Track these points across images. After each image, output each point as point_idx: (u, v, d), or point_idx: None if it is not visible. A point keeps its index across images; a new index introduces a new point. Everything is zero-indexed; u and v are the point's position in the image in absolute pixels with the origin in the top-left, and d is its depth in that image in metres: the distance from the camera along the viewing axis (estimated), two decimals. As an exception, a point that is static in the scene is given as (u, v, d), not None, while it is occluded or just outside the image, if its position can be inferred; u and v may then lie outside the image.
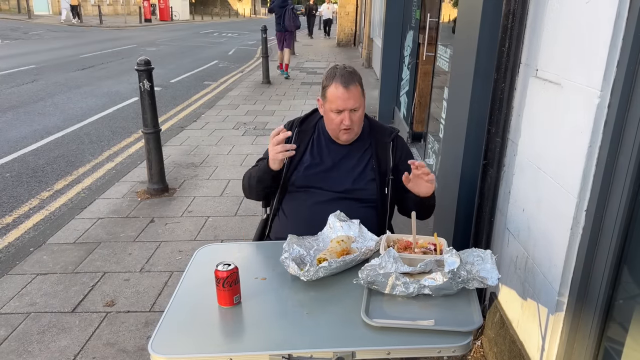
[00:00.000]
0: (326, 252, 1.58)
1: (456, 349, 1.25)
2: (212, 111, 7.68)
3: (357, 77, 1.92)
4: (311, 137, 2.07)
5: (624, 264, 1.46)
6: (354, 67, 1.98)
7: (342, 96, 1.87)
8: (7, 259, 3.32)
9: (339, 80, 1.88)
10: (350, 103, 1.88)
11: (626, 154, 1.37)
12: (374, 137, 2.05)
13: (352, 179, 1.99)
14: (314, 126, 2.10)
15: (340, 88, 1.87)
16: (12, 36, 18.59)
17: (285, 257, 1.54)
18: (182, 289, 1.53)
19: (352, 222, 1.79)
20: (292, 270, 1.51)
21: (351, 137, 1.99)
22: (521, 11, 1.89)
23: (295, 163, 2.02)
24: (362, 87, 1.94)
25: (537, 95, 1.87)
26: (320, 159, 2.02)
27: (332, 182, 1.98)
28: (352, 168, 2.01)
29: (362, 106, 1.94)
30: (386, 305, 1.40)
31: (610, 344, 1.54)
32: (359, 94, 1.91)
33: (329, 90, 1.90)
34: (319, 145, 2.05)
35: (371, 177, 1.99)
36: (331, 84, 1.90)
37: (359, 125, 1.98)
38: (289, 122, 2.14)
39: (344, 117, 1.90)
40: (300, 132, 2.08)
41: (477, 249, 1.52)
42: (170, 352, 1.26)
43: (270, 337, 1.31)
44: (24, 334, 2.55)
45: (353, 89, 1.88)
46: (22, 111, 7.41)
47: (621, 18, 1.35)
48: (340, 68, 1.93)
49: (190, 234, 3.64)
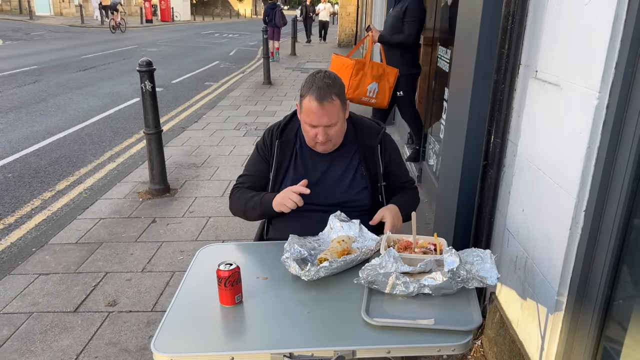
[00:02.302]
0: (327, 252, 1.59)
1: (456, 347, 1.26)
2: (213, 112, 7.70)
3: (336, 88, 1.77)
4: (293, 149, 1.95)
5: (623, 263, 1.47)
6: (336, 75, 1.84)
7: (317, 112, 1.74)
8: (9, 259, 3.34)
9: (314, 93, 1.73)
10: (324, 120, 1.75)
11: (624, 155, 1.39)
12: (361, 141, 1.93)
13: (342, 190, 1.90)
14: (295, 135, 1.96)
15: (314, 103, 1.73)
16: (14, 37, 18.62)
17: (286, 257, 1.55)
18: (184, 289, 1.54)
19: (352, 222, 1.79)
20: (293, 270, 1.52)
21: (328, 149, 1.88)
22: (521, 13, 1.90)
23: (280, 179, 1.93)
24: (341, 99, 1.79)
25: (536, 97, 1.88)
26: (305, 172, 1.91)
27: (321, 196, 1.87)
28: (340, 177, 1.91)
29: (339, 120, 1.80)
30: (386, 305, 1.41)
31: (609, 343, 1.55)
32: (335, 109, 1.76)
33: (304, 102, 1.77)
34: (303, 157, 1.94)
35: (363, 186, 1.91)
36: (307, 96, 1.76)
37: (338, 137, 1.85)
38: (267, 132, 2.01)
39: (318, 132, 1.79)
40: (281, 143, 1.95)
41: (477, 249, 1.53)
42: (173, 350, 1.27)
43: (271, 336, 1.33)
44: (27, 334, 2.56)
45: (328, 105, 1.73)
46: (24, 112, 7.43)
47: (619, 20, 1.36)
48: (318, 78, 1.77)
49: (192, 234, 3.66)
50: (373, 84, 4.04)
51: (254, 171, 2.04)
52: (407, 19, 4.15)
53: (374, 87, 4.04)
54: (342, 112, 1.81)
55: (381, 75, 4.06)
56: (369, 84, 4.03)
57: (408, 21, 4.15)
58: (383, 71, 4.07)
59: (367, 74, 4.03)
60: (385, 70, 4.07)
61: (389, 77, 4.09)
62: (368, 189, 1.91)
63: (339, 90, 1.79)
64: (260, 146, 2.04)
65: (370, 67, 4.00)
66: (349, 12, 19.09)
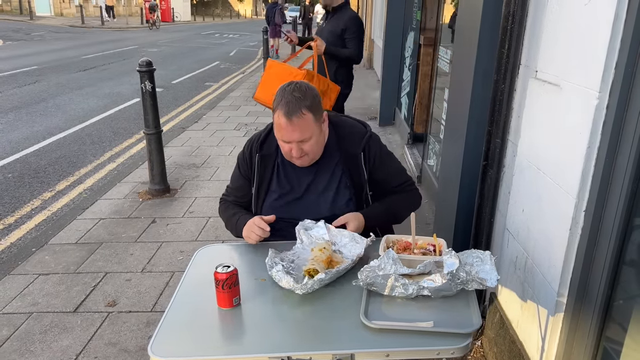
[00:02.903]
0: (313, 262, 1.53)
1: (455, 350, 1.25)
2: (213, 112, 7.70)
3: (306, 102, 1.65)
4: (275, 162, 1.86)
5: (623, 264, 1.46)
6: (308, 85, 1.73)
7: (286, 127, 1.65)
8: (9, 259, 3.34)
9: (282, 108, 1.64)
10: (295, 135, 1.66)
11: (624, 155, 1.38)
12: (343, 149, 1.83)
13: (328, 205, 1.82)
14: (277, 148, 1.84)
15: (283, 119, 1.64)
16: (14, 37, 18.64)
17: (277, 271, 1.49)
18: (182, 291, 1.54)
19: (318, 227, 1.73)
20: (287, 284, 1.46)
21: (306, 163, 1.79)
22: (521, 13, 1.89)
23: (262, 195, 1.87)
24: (314, 111, 1.67)
25: (536, 97, 1.87)
26: (289, 187, 1.85)
27: (307, 211, 1.81)
28: (323, 190, 1.83)
29: (313, 135, 1.70)
30: (385, 307, 1.40)
31: (609, 343, 1.54)
32: (306, 123, 1.65)
33: (275, 117, 1.68)
34: (285, 170, 1.86)
35: (347, 197, 1.83)
36: (276, 110, 1.66)
37: (315, 151, 1.76)
38: (248, 144, 1.93)
39: (292, 147, 1.70)
40: (261, 157, 1.86)
41: (477, 250, 1.53)
42: (170, 354, 1.26)
43: (269, 339, 1.32)
44: (26, 334, 2.56)
45: (298, 120, 1.63)
46: (24, 112, 7.44)
47: (619, 20, 1.35)
48: (288, 91, 1.66)
49: (192, 234, 3.65)
50: None
51: (235, 186, 1.99)
52: (348, 35, 3.86)
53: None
54: (316, 125, 1.70)
55: (325, 91, 3.64)
56: None
57: (350, 37, 3.86)
58: (327, 87, 3.67)
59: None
60: (329, 86, 3.68)
61: (331, 94, 3.70)
62: (352, 200, 1.84)
63: (311, 103, 1.67)
64: (240, 161, 1.96)
65: (317, 81, 3.57)
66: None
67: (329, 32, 3.95)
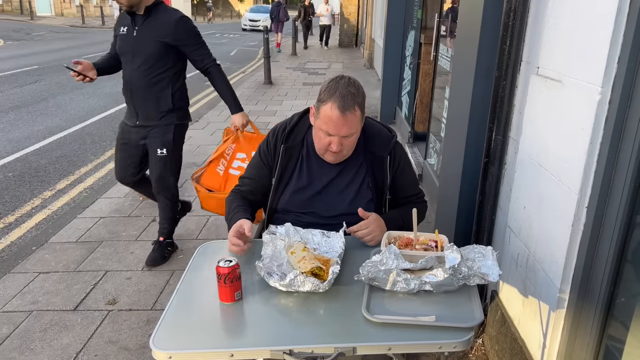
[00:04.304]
0: (306, 261, 1.48)
1: (457, 344, 1.25)
2: (213, 111, 7.69)
3: (359, 98, 1.66)
4: (299, 155, 1.85)
5: (625, 260, 1.46)
6: (359, 83, 1.72)
7: (337, 122, 1.63)
8: (9, 258, 3.33)
9: (337, 101, 1.62)
10: (343, 130, 1.65)
11: (627, 151, 1.37)
12: (370, 152, 1.83)
13: (348, 201, 1.81)
14: (302, 140, 1.85)
15: (336, 112, 1.62)
16: (15, 37, 18.64)
17: (293, 276, 1.41)
18: (184, 285, 1.53)
19: (278, 232, 1.68)
20: (311, 286, 1.40)
21: (338, 159, 1.78)
22: (522, 9, 1.89)
23: (282, 187, 1.85)
24: (362, 109, 1.69)
25: (538, 93, 1.87)
26: (308, 181, 1.83)
27: (323, 207, 1.81)
28: (345, 188, 1.82)
29: (357, 132, 1.72)
30: (387, 302, 1.40)
31: (611, 340, 1.54)
32: (356, 120, 1.66)
33: (324, 108, 1.65)
34: (309, 165, 1.84)
35: (369, 198, 1.82)
36: (328, 102, 1.64)
37: (350, 149, 1.76)
38: (272, 133, 1.90)
39: (332, 141, 1.68)
40: (287, 149, 1.85)
41: (479, 246, 1.52)
42: (172, 347, 1.26)
43: (271, 332, 1.32)
44: (26, 332, 2.55)
45: (350, 115, 1.63)
46: (24, 111, 7.43)
47: (622, 14, 1.35)
48: (342, 85, 1.65)
49: (192, 232, 3.65)
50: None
51: (254, 175, 1.94)
52: (189, 48, 2.89)
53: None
54: (360, 123, 1.72)
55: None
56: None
57: (193, 48, 2.89)
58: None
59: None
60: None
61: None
62: (373, 201, 1.83)
63: (362, 100, 1.68)
64: (263, 150, 1.92)
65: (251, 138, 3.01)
66: (349, 12, 19.03)
67: (146, 43, 2.77)
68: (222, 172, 2.86)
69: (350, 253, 1.65)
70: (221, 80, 2.99)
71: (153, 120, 2.92)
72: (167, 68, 2.86)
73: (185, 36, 2.83)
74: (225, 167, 2.88)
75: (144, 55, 2.79)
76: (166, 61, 2.84)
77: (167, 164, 2.99)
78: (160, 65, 2.83)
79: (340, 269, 1.50)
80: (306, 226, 1.73)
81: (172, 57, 2.85)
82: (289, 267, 1.51)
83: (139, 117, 2.94)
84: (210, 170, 2.86)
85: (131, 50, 2.83)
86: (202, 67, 2.95)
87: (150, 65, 2.81)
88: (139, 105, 2.92)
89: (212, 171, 2.86)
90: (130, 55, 2.84)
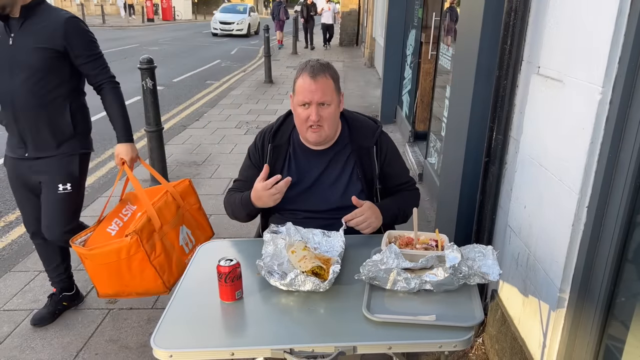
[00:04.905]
0: (307, 260, 1.48)
1: (457, 344, 1.25)
2: (214, 110, 7.70)
3: (329, 70, 1.77)
4: (287, 153, 1.90)
5: (625, 260, 1.46)
6: (330, 62, 1.83)
7: (309, 87, 1.71)
8: (10, 256, 3.34)
9: (307, 70, 1.74)
10: (317, 95, 1.72)
11: (627, 150, 1.38)
12: (356, 142, 1.88)
13: (339, 194, 1.85)
14: (289, 138, 1.91)
15: (307, 78, 1.72)
16: (15, 36, 18.60)
17: (294, 276, 1.42)
18: (185, 285, 1.54)
19: (274, 235, 1.66)
20: (311, 285, 1.41)
21: (321, 138, 1.80)
22: (523, 8, 1.89)
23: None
24: (335, 82, 1.79)
25: (539, 93, 1.87)
26: (299, 177, 1.86)
27: (318, 201, 1.84)
28: (335, 180, 1.86)
29: (333, 102, 1.77)
30: (387, 301, 1.40)
31: (611, 340, 1.54)
32: (329, 87, 1.75)
33: (297, 82, 1.76)
34: (297, 161, 1.89)
35: (359, 189, 1.86)
36: (300, 76, 1.76)
37: (330, 125, 1.79)
38: (259, 135, 1.96)
39: (310, 112, 1.73)
40: (274, 148, 1.90)
41: (479, 245, 1.52)
42: (173, 346, 1.26)
43: (272, 331, 1.32)
44: (27, 331, 2.56)
45: (321, 79, 1.72)
46: (25, 110, 7.42)
47: (623, 14, 1.35)
48: (312, 61, 1.79)
49: (193, 231, 3.64)
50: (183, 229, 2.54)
51: (245, 177, 1.99)
52: (81, 60, 2.29)
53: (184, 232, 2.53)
54: (335, 95, 1.78)
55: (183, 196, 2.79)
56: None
57: (88, 60, 2.31)
58: (179, 194, 2.76)
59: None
60: (182, 191, 2.79)
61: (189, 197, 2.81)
62: (364, 192, 1.86)
63: (333, 74, 1.79)
64: (251, 151, 1.98)
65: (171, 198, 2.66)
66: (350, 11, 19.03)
67: (27, 52, 2.17)
68: (114, 232, 2.29)
69: (351, 252, 1.65)
70: (115, 100, 2.45)
71: (49, 150, 2.32)
72: (60, 82, 2.25)
73: (76, 41, 2.23)
74: (120, 229, 2.32)
75: (27, 67, 2.18)
76: (59, 74, 2.24)
77: (69, 204, 2.42)
78: (51, 79, 2.22)
79: (341, 268, 1.51)
80: (302, 222, 1.75)
81: (66, 68, 2.25)
82: (290, 266, 1.52)
83: (28, 147, 2.31)
84: (99, 230, 2.31)
85: (8, 62, 2.18)
86: (95, 83, 2.36)
87: (39, 79, 2.19)
88: (27, 133, 2.27)
89: (101, 231, 2.29)
90: (7, 69, 2.18)
